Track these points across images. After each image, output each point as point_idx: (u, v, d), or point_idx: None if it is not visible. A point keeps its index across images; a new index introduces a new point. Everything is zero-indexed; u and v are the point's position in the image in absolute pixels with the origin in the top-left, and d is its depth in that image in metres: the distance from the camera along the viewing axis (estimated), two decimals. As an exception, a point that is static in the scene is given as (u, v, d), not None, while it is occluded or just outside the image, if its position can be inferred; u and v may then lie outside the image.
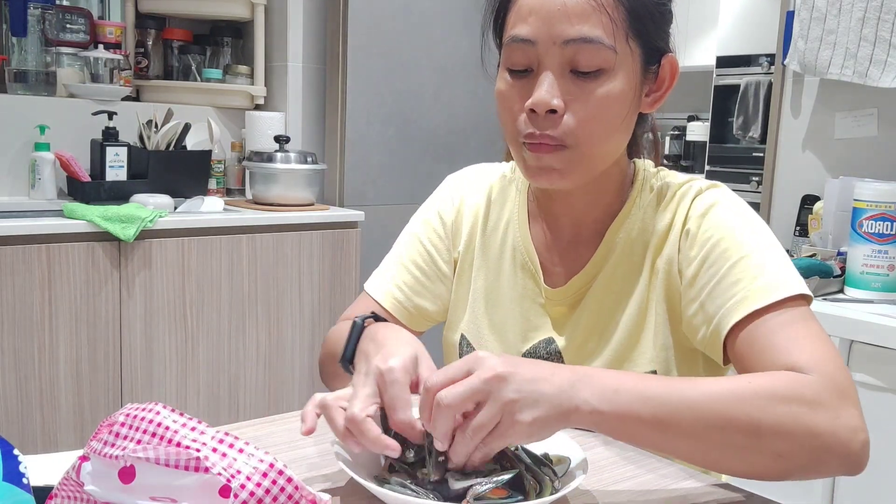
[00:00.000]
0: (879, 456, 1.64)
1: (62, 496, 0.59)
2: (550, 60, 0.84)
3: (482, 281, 1.04)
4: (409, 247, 1.08)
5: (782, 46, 2.37)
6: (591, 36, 0.82)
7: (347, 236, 2.60)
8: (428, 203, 1.11)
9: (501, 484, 0.70)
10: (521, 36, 0.85)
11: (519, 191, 1.04)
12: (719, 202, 0.91)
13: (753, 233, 0.88)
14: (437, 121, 2.99)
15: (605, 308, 0.95)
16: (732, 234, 0.87)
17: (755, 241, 0.87)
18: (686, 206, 0.92)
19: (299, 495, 0.55)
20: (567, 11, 0.83)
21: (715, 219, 0.89)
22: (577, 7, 0.82)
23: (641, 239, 0.95)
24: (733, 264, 0.85)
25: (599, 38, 0.83)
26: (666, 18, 0.89)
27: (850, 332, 1.70)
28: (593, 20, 0.83)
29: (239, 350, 2.40)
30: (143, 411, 0.57)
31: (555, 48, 0.83)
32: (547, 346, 0.98)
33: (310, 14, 2.85)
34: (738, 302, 0.83)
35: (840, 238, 2.08)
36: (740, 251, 0.86)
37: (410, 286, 1.05)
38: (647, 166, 0.99)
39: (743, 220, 0.89)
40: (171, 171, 2.53)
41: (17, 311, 2.01)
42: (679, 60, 0.93)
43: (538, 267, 1.00)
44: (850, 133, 2.27)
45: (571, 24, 0.82)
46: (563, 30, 0.83)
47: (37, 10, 2.52)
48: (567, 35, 0.83)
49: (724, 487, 0.81)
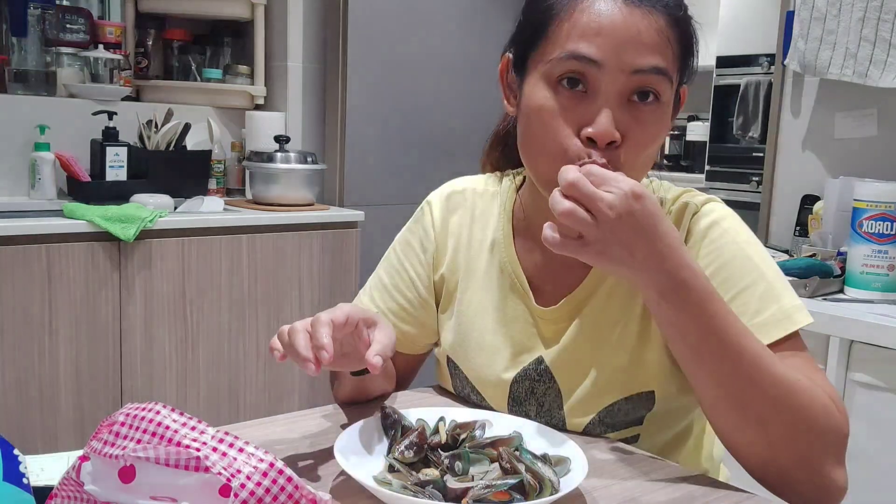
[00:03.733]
0: (880, 456, 1.64)
1: (62, 496, 0.59)
2: (613, 87, 0.81)
3: (467, 303, 1.01)
4: (393, 274, 1.06)
5: (782, 46, 2.37)
6: (661, 67, 0.82)
7: (347, 236, 2.60)
8: (410, 226, 1.08)
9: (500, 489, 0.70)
10: (587, 55, 0.81)
11: (504, 207, 1.01)
12: (718, 222, 0.90)
13: (754, 257, 0.88)
14: (437, 121, 2.99)
15: (603, 326, 0.93)
16: (734, 259, 0.87)
17: (757, 268, 0.87)
18: (685, 225, 0.91)
19: (299, 495, 0.55)
20: (640, 40, 0.81)
21: (716, 241, 0.89)
22: (649, 37, 0.81)
23: None
24: (737, 294, 0.86)
25: (667, 70, 0.82)
26: (697, 50, 0.90)
27: (850, 332, 1.70)
28: (663, 51, 0.82)
29: (239, 350, 2.40)
30: (143, 411, 0.57)
31: (622, 75, 0.81)
32: (537, 365, 0.95)
33: (310, 14, 2.85)
34: (754, 329, 0.82)
35: (840, 238, 2.08)
36: (743, 280, 0.86)
37: (395, 313, 1.04)
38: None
39: (743, 243, 0.89)
40: (171, 171, 2.53)
41: (17, 311, 2.01)
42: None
43: (527, 287, 0.97)
44: (850, 133, 2.27)
45: (643, 54, 0.81)
46: (634, 58, 0.80)
47: (37, 10, 2.52)
48: (638, 65, 0.81)
49: (724, 487, 0.81)
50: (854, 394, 1.71)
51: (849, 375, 1.72)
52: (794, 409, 0.77)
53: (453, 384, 1.04)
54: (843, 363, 1.73)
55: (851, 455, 0.82)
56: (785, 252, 2.25)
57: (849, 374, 1.72)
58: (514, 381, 0.97)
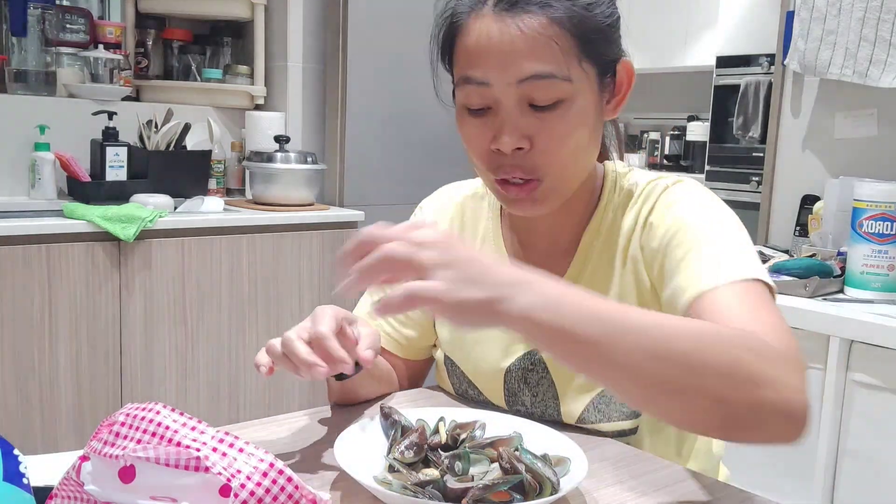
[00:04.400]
0: (880, 456, 1.64)
1: (62, 496, 0.59)
2: (507, 100, 0.83)
3: None
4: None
5: (782, 46, 2.37)
6: (543, 72, 0.81)
7: (347, 236, 2.60)
8: None
9: (501, 489, 0.70)
10: (476, 78, 0.84)
11: (491, 207, 1.05)
12: (683, 197, 0.90)
13: (712, 222, 0.86)
14: (437, 121, 2.99)
15: None
16: (691, 223, 0.86)
17: (713, 230, 0.85)
18: (651, 202, 0.92)
19: (299, 495, 0.55)
20: (516, 49, 0.81)
21: (676, 211, 0.89)
22: (525, 44, 0.81)
23: (611, 239, 0.95)
24: (687, 251, 0.84)
25: (552, 71, 0.82)
26: (614, 28, 0.88)
27: (850, 332, 1.70)
28: (544, 54, 0.81)
29: (239, 350, 2.40)
30: (143, 411, 0.57)
31: (510, 88, 0.82)
32: (531, 357, 0.97)
33: (310, 14, 2.85)
34: (692, 279, 0.81)
35: (840, 238, 2.08)
36: (696, 239, 0.84)
37: (396, 317, 1.06)
38: (617, 167, 0.99)
39: (703, 211, 0.88)
40: (171, 171, 2.53)
41: (17, 311, 2.01)
42: (679, 60, 0.92)
43: None
44: (850, 133, 2.27)
45: (522, 63, 0.81)
46: (515, 70, 0.81)
47: (37, 10, 2.52)
48: (520, 74, 0.81)
49: (724, 487, 0.81)
50: (854, 394, 1.71)
51: (849, 375, 1.72)
52: (724, 380, 0.66)
53: (451, 382, 1.06)
54: (843, 363, 1.73)
55: (852, 454, 0.82)
56: (785, 252, 2.25)
57: (849, 374, 1.72)
58: (507, 371, 0.99)
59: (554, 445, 0.80)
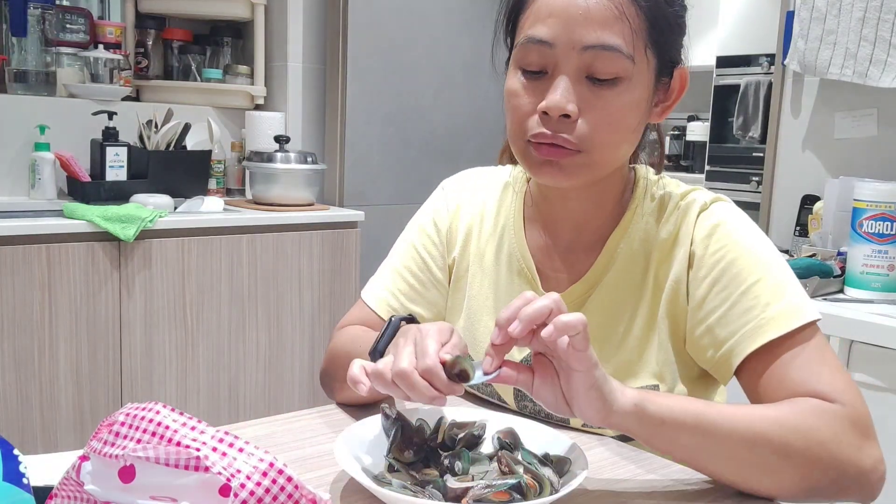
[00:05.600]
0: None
1: (62, 496, 0.59)
2: (567, 65, 0.83)
3: (477, 288, 1.03)
4: (404, 254, 1.07)
5: (782, 46, 2.37)
6: (610, 43, 0.81)
7: (347, 236, 2.60)
8: (423, 209, 1.10)
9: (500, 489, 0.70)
10: (539, 37, 0.83)
11: (516, 194, 1.03)
12: (725, 220, 0.90)
13: (763, 254, 0.87)
14: (437, 121, 2.99)
15: (609, 318, 0.94)
16: (743, 256, 0.87)
17: (766, 264, 0.86)
18: (691, 221, 0.91)
19: (299, 494, 0.55)
20: (589, 17, 0.81)
21: (723, 239, 0.88)
22: (599, 13, 0.81)
23: (643, 250, 0.94)
24: (746, 289, 0.85)
25: (619, 46, 0.82)
26: (682, 30, 0.89)
27: (850, 332, 1.70)
28: (615, 28, 0.82)
29: (239, 350, 2.40)
30: (143, 411, 0.57)
31: (573, 53, 0.82)
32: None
33: (310, 14, 2.85)
34: (753, 329, 0.83)
35: (840, 238, 2.08)
36: (752, 275, 0.85)
37: (405, 293, 1.05)
38: (648, 174, 0.98)
39: (752, 241, 0.88)
40: (171, 171, 2.53)
41: (17, 311, 2.01)
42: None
43: (535, 273, 0.98)
44: (849, 133, 2.27)
45: (592, 30, 0.81)
46: (582, 35, 0.81)
47: (37, 10, 2.52)
48: (587, 41, 0.81)
49: (724, 487, 0.81)
50: (854, 394, 1.71)
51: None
52: (810, 463, 0.77)
53: None
54: (843, 363, 1.73)
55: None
56: (785, 252, 2.25)
57: (849, 374, 1.72)
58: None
59: (554, 445, 0.80)
